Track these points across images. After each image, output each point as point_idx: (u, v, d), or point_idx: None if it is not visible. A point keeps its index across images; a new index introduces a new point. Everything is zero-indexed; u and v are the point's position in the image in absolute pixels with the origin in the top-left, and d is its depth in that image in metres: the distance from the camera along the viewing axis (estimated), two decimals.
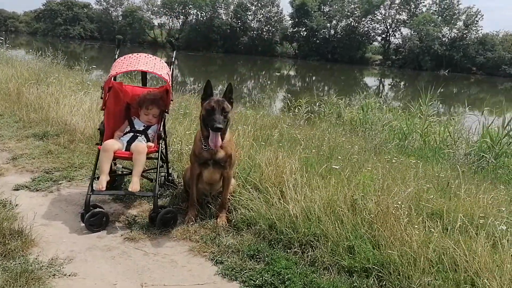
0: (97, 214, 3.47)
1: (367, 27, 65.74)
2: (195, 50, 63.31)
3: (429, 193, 4.26)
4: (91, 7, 75.54)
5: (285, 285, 2.81)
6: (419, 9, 63.26)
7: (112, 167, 4.23)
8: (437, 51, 56.79)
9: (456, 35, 59.98)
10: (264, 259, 3.11)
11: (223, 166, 3.68)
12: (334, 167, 4.65)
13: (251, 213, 3.65)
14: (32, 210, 3.76)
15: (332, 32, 65.95)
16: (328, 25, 65.19)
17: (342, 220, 3.37)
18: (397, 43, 64.39)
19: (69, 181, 4.51)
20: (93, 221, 3.45)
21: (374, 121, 9.67)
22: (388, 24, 65.60)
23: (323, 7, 65.43)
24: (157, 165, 3.73)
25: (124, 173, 4.30)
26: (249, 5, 67.93)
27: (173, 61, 4.23)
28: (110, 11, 74.53)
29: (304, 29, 64.62)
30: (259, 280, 2.86)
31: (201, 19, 69.20)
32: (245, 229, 3.56)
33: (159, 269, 3.04)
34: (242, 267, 3.03)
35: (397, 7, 64.60)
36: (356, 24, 65.22)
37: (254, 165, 4.37)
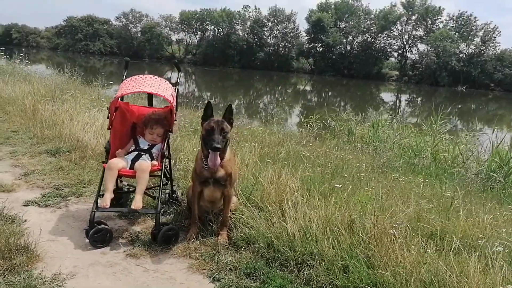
0: (101, 230, 3.58)
1: (384, 43, 65.88)
2: (212, 65, 64.24)
3: (431, 213, 4.28)
4: (111, 23, 77.47)
5: None
6: (436, 25, 63.13)
7: (118, 185, 4.38)
8: (454, 67, 56.44)
9: (473, 51, 59.61)
10: (260, 277, 3.17)
11: (223, 184, 3.77)
12: (336, 186, 4.71)
13: (251, 231, 3.72)
14: (39, 225, 3.88)
15: (348, 47, 66.22)
16: (344, 40, 65.53)
17: (338, 239, 3.41)
18: (413, 59, 64.37)
19: (78, 197, 4.65)
20: (97, 237, 3.56)
21: (384, 138, 9.68)
22: (404, 40, 65.62)
23: (339, 23, 65.88)
24: (160, 183, 3.84)
25: (130, 190, 4.42)
26: (265, 21, 68.85)
27: (178, 82, 4.36)
28: (129, 27, 76.24)
29: (320, 44, 65.03)
30: None
31: (218, 35, 70.28)
32: (244, 247, 3.63)
33: (158, 285, 3.12)
34: (238, 285, 3.10)
35: (414, 23, 64.64)
36: (372, 40, 65.38)
37: (256, 183, 4.45)
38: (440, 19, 63.39)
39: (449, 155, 8.40)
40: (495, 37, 59.37)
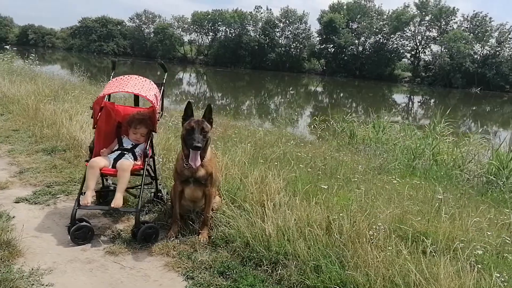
0: (82, 227, 3.65)
1: (396, 44, 65.25)
2: (223, 66, 64.53)
3: (417, 215, 4.26)
4: (124, 24, 78.23)
5: None
6: (450, 26, 62.31)
7: (104, 183, 4.45)
8: (468, 68, 55.70)
9: (488, 52, 58.78)
10: (232, 276, 3.21)
11: (204, 184, 3.81)
12: (322, 186, 4.72)
13: (231, 231, 3.75)
14: (26, 222, 3.98)
15: (360, 48, 65.85)
16: (356, 41, 65.17)
17: (315, 240, 3.43)
18: (427, 60, 63.55)
19: (67, 195, 4.73)
20: (78, 234, 3.63)
21: (386, 140, 9.64)
22: (417, 41, 64.91)
23: (351, 24, 65.55)
24: (142, 182, 3.89)
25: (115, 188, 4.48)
26: (277, 22, 68.82)
27: (164, 82, 4.42)
28: (142, 28, 76.94)
29: (332, 45, 64.77)
30: None
31: (230, 35, 70.52)
32: (222, 246, 3.66)
33: (132, 282, 3.17)
34: (210, 283, 3.13)
35: (427, 24, 63.89)
36: (384, 40, 64.90)
37: (241, 183, 4.48)
38: (454, 19, 62.64)
39: (449, 157, 8.31)
40: (511, 38, 58.50)
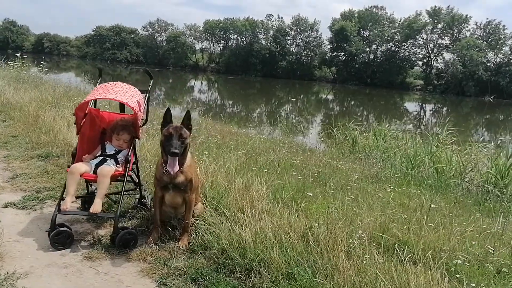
0: (62, 233, 3.68)
1: (408, 52, 64.89)
2: (234, 73, 64.86)
3: (403, 224, 4.21)
4: (137, 33, 79.10)
5: None
6: (463, 34, 61.79)
7: (89, 189, 4.49)
8: (481, 76, 55.07)
9: (502, 60, 58.08)
10: (204, 283, 3.20)
11: (184, 190, 3.82)
12: (308, 194, 4.70)
13: (210, 237, 3.75)
14: (11, 226, 4.03)
15: (371, 56, 65.62)
16: (367, 49, 64.98)
17: (291, 247, 3.41)
18: (439, 68, 63.00)
19: (54, 201, 4.75)
20: (57, 239, 3.66)
21: (385, 148, 9.57)
22: (430, 48, 64.46)
23: (362, 31, 65.45)
24: (122, 188, 3.92)
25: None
26: (288, 30, 69.01)
27: (149, 89, 4.46)
28: (155, 37, 77.80)
29: (343, 53, 64.65)
30: None
31: (241, 43, 70.88)
32: (200, 253, 3.67)
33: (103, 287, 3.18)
34: None
35: (440, 32, 63.43)
36: (396, 48, 64.59)
37: (225, 190, 4.48)
38: (467, 27, 62.06)
39: (448, 166, 8.20)
40: None
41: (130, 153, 4.10)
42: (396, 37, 64.14)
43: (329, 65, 68.02)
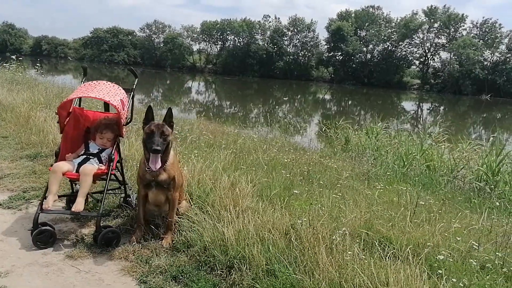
0: (44, 232, 3.67)
1: (405, 51, 64.92)
2: (231, 74, 64.85)
3: (388, 220, 4.21)
4: (135, 34, 79.01)
5: None
6: (459, 33, 61.84)
7: (73, 188, 4.48)
8: (478, 75, 55.14)
9: (498, 59, 58.13)
10: (184, 281, 3.19)
11: (167, 188, 3.81)
12: (295, 191, 4.70)
13: (193, 235, 3.74)
14: None
15: (368, 56, 65.65)
16: (364, 49, 65.04)
17: (273, 244, 3.40)
18: (436, 67, 63.04)
19: (40, 200, 4.75)
20: (39, 238, 3.65)
21: (377, 146, 9.57)
22: (426, 48, 64.51)
23: (359, 31, 65.46)
24: (105, 187, 3.91)
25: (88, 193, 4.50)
26: (285, 31, 68.98)
27: (134, 88, 4.45)
28: (152, 38, 77.67)
29: (340, 53, 64.67)
30: None
31: (238, 44, 70.85)
32: (183, 251, 3.66)
33: (84, 286, 3.17)
34: (161, 287, 3.12)
35: (436, 31, 63.50)
36: (393, 48, 64.62)
37: (211, 189, 4.47)
38: (463, 26, 62.08)
39: (440, 163, 8.21)
40: None
41: (113, 151, 4.09)
42: (392, 36, 64.16)
43: (326, 65, 68.00)
